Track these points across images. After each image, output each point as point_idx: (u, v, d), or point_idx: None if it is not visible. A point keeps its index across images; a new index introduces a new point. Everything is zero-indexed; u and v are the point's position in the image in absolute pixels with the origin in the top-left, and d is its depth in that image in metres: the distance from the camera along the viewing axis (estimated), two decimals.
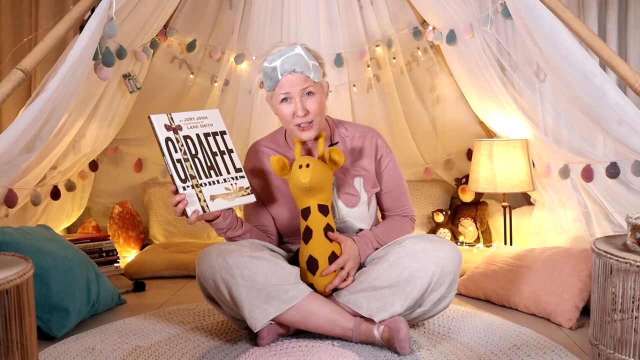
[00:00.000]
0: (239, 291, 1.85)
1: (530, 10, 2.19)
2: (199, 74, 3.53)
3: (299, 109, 1.95)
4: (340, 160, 1.94)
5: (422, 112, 3.55)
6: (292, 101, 1.97)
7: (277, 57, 1.96)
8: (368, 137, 2.12)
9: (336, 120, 2.19)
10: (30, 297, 1.50)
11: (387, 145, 2.15)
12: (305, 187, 1.91)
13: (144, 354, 1.89)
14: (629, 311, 1.57)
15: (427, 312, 1.96)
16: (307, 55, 1.97)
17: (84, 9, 2.15)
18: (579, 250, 2.32)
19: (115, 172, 3.65)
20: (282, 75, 1.96)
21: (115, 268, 2.75)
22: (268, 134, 2.25)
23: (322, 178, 1.93)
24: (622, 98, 2.07)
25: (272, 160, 1.97)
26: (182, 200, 1.82)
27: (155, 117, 1.85)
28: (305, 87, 1.96)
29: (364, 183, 2.09)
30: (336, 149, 1.94)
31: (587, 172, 2.51)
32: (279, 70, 1.95)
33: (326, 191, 1.97)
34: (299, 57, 1.95)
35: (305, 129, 1.98)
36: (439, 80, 3.48)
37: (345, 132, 2.14)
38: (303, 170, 1.90)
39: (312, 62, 1.97)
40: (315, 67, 1.98)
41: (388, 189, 2.15)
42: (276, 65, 1.96)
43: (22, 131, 2.04)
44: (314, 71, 1.97)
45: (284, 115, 2.00)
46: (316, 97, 1.98)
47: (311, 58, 1.98)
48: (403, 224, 2.16)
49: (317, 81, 1.98)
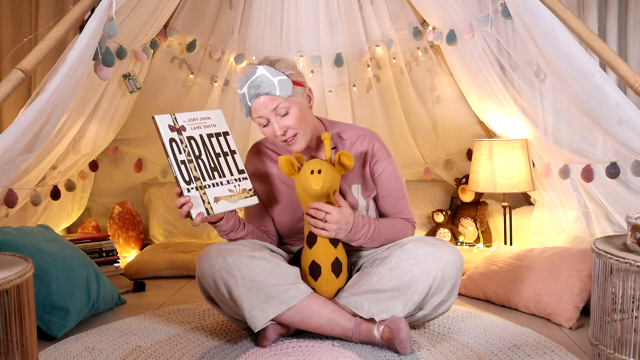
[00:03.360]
0: (239, 291, 1.84)
1: (530, 10, 2.19)
2: (199, 74, 3.53)
3: (276, 130, 1.93)
4: (350, 164, 1.91)
5: (422, 112, 3.55)
6: (270, 123, 1.95)
7: (244, 82, 1.94)
8: (365, 140, 2.08)
9: (333, 122, 2.15)
10: (30, 297, 1.50)
11: (385, 149, 2.10)
12: (316, 194, 1.91)
13: (144, 354, 1.89)
14: (629, 311, 1.57)
15: (428, 315, 1.97)
16: (270, 73, 1.91)
17: (84, 9, 2.15)
18: (579, 250, 2.32)
19: (115, 172, 3.65)
20: (250, 101, 1.94)
21: (115, 268, 2.75)
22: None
23: (332, 184, 1.92)
24: (622, 98, 2.07)
25: (280, 160, 1.95)
26: (187, 203, 1.81)
27: (159, 118, 1.84)
28: (274, 106, 1.92)
29: (361, 190, 2.07)
30: (346, 153, 1.91)
31: (587, 172, 2.51)
32: (247, 96, 1.93)
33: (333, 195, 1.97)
34: (262, 77, 1.91)
35: (291, 143, 1.96)
36: (439, 80, 3.48)
37: (343, 135, 2.10)
38: (315, 177, 1.88)
39: (277, 79, 1.91)
40: (282, 82, 1.92)
41: (385, 194, 2.10)
42: (244, 92, 1.94)
43: (22, 131, 2.04)
44: (280, 87, 1.91)
45: (268, 137, 1.99)
46: (291, 112, 1.93)
47: (276, 74, 1.92)
48: (404, 224, 2.12)
49: (287, 96, 1.92)
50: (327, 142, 1.93)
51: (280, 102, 1.92)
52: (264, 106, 1.92)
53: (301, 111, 1.95)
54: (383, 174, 2.08)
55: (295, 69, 2.00)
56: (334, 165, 1.94)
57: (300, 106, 1.96)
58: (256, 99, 1.92)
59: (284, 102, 1.92)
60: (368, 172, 2.08)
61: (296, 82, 1.97)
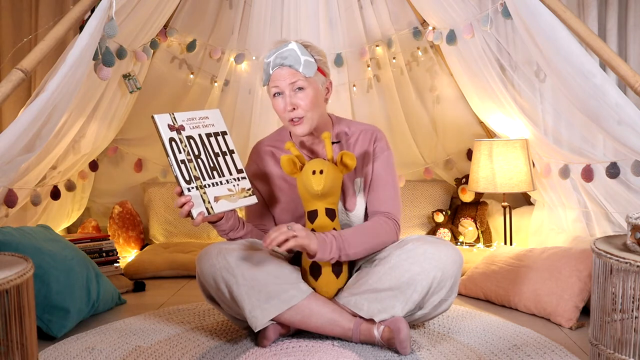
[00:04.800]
0: (240, 290, 1.84)
1: (530, 10, 2.19)
2: (199, 74, 3.53)
3: (287, 104, 1.96)
4: (352, 164, 1.92)
5: (422, 112, 3.55)
6: (283, 96, 1.97)
7: (273, 52, 1.98)
8: (368, 133, 2.10)
9: (339, 118, 2.17)
10: (30, 297, 1.50)
11: (385, 143, 2.11)
12: (318, 194, 1.91)
13: (144, 354, 1.89)
14: (629, 311, 1.57)
15: (428, 314, 1.96)
16: (300, 51, 1.96)
17: (84, 9, 2.15)
18: (579, 250, 2.32)
19: (115, 172, 3.64)
20: (272, 70, 1.97)
21: (115, 268, 2.75)
22: (273, 131, 2.25)
23: (334, 184, 1.93)
24: (622, 98, 2.07)
25: (282, 159, 1.96)
26: (188, 202, 1.81)
27: (159, 117, 1.84)
28: (293, 81, 1.95)
29: (362, 185, 2.08)
30: (348, 153, 1.92)
31: (587, 172, 2.51)
32: (271, 64, 1.97)
33: (335, 195, 1.97)
34: (291, 51, 1.95)
35: (296, 124, 1.98)
36: (439, 80, 3.48)
37: (347, 131, 2.12)
38: (317, 177, 1.89)
39: (304, 58, 1.96)
40: (309, 62, 1.96)
41: (372, 178, 2.06)
42: (270, 61, 1.98)
43: (22, 131, 2.04)
44: (305, 66, 1.95)
45: (277, 109, 2.01)
46: (306, 92, 1.96)
47: (305, 53, 1.97)
48: (379, 223, 1.99)
49: (309, 76, 1.96)
50: (327, 141, 1.94)
51: (299, 79, 1.95)
52: (283, 77, 1.95)
53: (315, 96, 1.98)
54: (376, 163, 2.08)
55: (324, 58, 2.05)
56: (336, 164, 1.94)
57: (317, 92, 1.99)
58: (279, 69, 1.96)
59: (303, 81, 1.96)
60: (371, 167, 2.08)
61: (321, 70, 2.01)
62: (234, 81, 3.52)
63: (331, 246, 1.88)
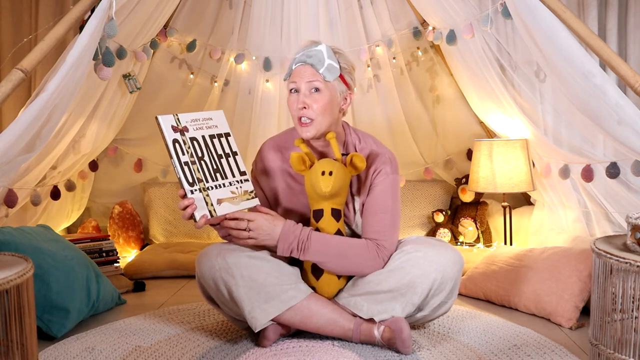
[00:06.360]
0: (239, 291, 1.84)
1: (530, 10, 2.19)
2: (199, 74, 3.53)
3: (299, 101, 1.95)
4: (361, 166, 1.91)
5: (422, 112, 3.55)
6: (298, 93, 1.96)
7: (301, 50, 1.99)
8: (377, 155, 2.01)
9: (356, 130, 2.12)
10: (30, 297, 1.50)
11: (392, 167, 2.01)
12: (325, 196, 1.91)
13: (144, 354, 1.89)
14: (629, 311, 1.57)
15: (428, 316, 1.97)
16: (327, 54, 1.95)
17: (84, 9, 2.15)
18: (579, 250, 2.32)
19: (115, 172, 3.64)
20: (295, 65, 1.98)
21: (115, 268, 2.75)
22: (282, 130, 2.23)
23: (343, 185, 1.92)
24: (622, 98, 2.07)
25: (292, 156, 1.95)
26: (191, 205, 1.79)
27: (163, 118, 1.82)
28: (311, 80, 1.94)
29: (359, 204, 2.04)
30: (358, 155, 1.90)
31: (587, 172, 2.51)
32: (296, 60, 1.98)
33: (342, 196, 1.96)
34: (318, 52, 1.95)
35: (304, 126, 1.95)
36: (439, 80, 3.48)
37: (357, 144, 2.06)
38: (325, 178, 1.89)
39: (329, 61, 1.94)
40: (332, 66, 1.95)
41: (370, 204, 1.99)
42: (296, 57, 1.98)
43: (22, 131, 2.04)
44: (327, 69, 1.94)
45: (289, 104, 2.00)
46: (322, 95, 1.94)
47: (332, 57, 1.96)
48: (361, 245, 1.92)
49: (328, 80, 1.95)
50: (333, 141, 1.93)
51: (318, 79, 1.94)
52: (302, 75, 1.95)
53: (330, 101, 1.96)
54: (378, 186, 2.00)
55: (351, 68, 2.02)
56: (346, 165, 1.93)
57: (332, 97, 1.97)
58: (301, 65, 1.97)
59: (321, 83, 1.95)
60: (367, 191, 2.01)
61: (343, 78, 1.99)
62: (234, 81, 3.52)
63: (290, 245, 1.90)
